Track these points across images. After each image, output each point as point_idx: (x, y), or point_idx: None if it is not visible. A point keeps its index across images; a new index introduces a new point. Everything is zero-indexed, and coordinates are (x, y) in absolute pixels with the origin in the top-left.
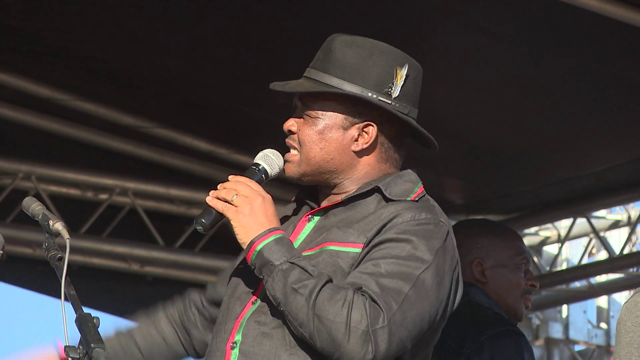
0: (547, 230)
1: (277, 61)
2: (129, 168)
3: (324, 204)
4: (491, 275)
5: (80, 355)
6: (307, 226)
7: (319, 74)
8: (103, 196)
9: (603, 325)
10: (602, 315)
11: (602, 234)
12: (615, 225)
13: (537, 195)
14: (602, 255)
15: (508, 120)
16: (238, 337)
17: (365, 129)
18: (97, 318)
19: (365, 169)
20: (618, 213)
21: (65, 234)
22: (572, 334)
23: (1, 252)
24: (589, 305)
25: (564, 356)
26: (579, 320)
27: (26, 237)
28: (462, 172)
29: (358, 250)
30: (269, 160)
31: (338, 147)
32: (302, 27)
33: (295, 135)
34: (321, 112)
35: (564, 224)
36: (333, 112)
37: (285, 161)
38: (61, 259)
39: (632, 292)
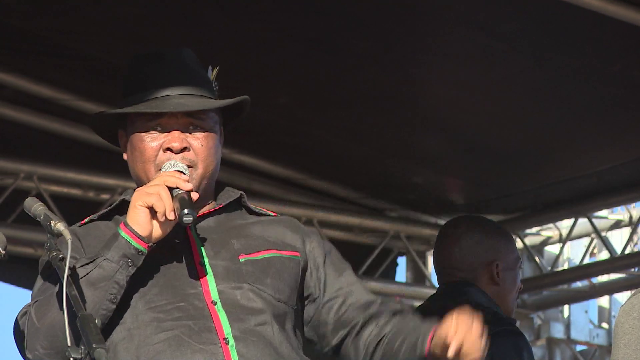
0: (549, 230)
1: (279, 61)
2: None
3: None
4: (503, 277)
5: (82, 355)
6: (193, 234)
7: (190, 88)
8: (105, 196)
9: (604, 325)
10: (603, 315)
11: (603, 234)
12: (617, 225)
13: (539, 195)
14: (604, 255)
15: (509, 119)
16: (228, 332)
17: (221, 139)
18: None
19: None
20: (619, 213)
21: (66, 234)
22: (574, 334)
23: (3, 252)
24: (590, 305)
25: (566, 356)
26: (581, 320)
27: (28, 237)
28: (463, 172)
29: (298, 257)
30: (183, 169)
31: (220, 155)
32: (303, 26)
33: (189, 152)
34: (212, 125)
35: (565, 224)
36: (218, 123)
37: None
38: (63, 259)
39: (632, 292)
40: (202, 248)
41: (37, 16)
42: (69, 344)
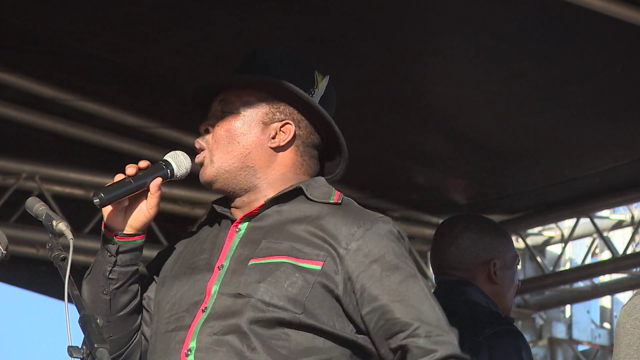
0: (551, 230)
1: None
2: None
3: (244, 211)
4: (501, 276)
5: (84, 355)
6: (237, 236)
7: (241, 76)
8: None
9: (606, 325)
10: (605, 315)
11: (605, 234)
12: (619, 225)
13: (541, 195)
14: (606, 255)
15: (512, 120)
16: (192, 345)
17: (283, 128)
18: (101, 318)
19: (281, 170)
20: (621, 213)
21: (68, 234)
22: (576, 334)
23: (5, 252)
24: (592, 305)
25: (568, 356)
26: (583, 320)
27: (30, 237)
28: (465, 172)
29: (318, 267)
30: (178, 160)
31: (256, 140)
32: (306, 26)
33: (209, 135)
34: (242, 107)
35: (567, 224)
36: (255, 106)
37: (199, 165)
38: (65, 259)
39: (634, 292)
40: (234, 250)
41: (39, 16)
42: (70, 344)
